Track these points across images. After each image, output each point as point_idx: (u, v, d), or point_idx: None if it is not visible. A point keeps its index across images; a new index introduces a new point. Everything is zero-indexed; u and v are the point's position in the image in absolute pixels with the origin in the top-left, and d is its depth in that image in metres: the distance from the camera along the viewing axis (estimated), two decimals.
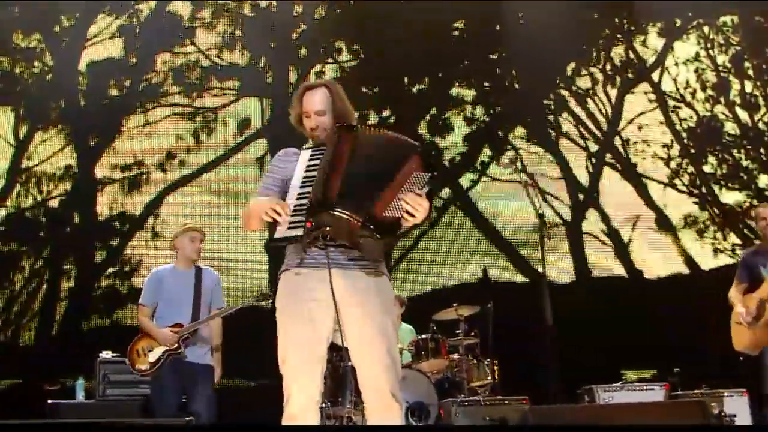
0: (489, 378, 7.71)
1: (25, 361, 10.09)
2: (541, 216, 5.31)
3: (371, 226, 3.80)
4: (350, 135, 3.93)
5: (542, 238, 5.33)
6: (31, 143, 10.83)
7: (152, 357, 6.45)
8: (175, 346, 6.42)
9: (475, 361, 7.75)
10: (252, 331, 7.08)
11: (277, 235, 3.90)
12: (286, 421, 3.91)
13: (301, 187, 3.95)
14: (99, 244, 10.72)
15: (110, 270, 10.62)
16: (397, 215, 3.86)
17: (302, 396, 3.87)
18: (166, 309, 6.57)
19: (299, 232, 3.83)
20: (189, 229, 6.77)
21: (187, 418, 4.65)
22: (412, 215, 3.86)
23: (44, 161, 10.77)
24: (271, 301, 6.74)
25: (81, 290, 10.52)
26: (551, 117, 11.60)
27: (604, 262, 11.07)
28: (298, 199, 3.92)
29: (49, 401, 7.40)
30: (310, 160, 4.01)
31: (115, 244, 10.74)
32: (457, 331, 7.82)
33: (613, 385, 7.27)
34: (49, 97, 11.07)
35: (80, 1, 11.20)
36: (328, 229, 3.84)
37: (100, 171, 10.85)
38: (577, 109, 11.59)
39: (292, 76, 11.44)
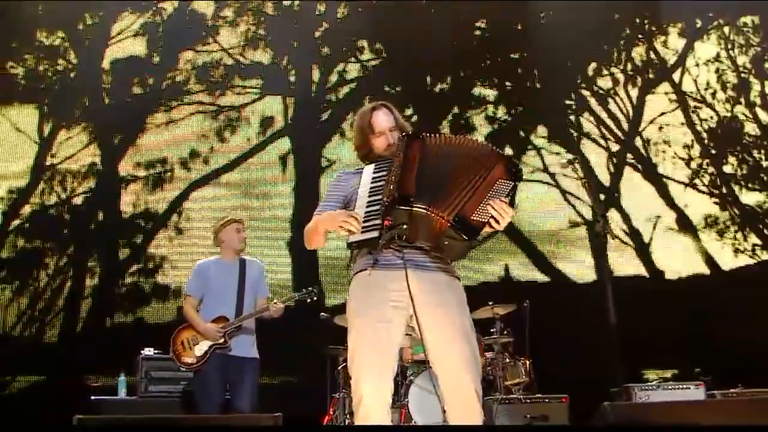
0: (523, 376, 7.83)
1: (50, 358, 10.17)
2: (603, 216, 5.40)
3: (461, 227, 3.88)
4: (418, 141, 4.05)
5: (605, 236, 5.41)
6: (56, 141, 10.91)
7: (198, 351, 6.56)
8: (221, 341, 6.51)
9: (509, 360, 7.88)
10: (286, 327, 7.19)
11: (352, 239, 4.01)
12: (360, 421, 3.99)
13: (370, 196, 4.06)
14: (123, 241, 10.79)
15: (134, 267, 10.69)
16: (484, 220, 3.94)
17: (375, 397, 3.96)
18: (211, 301, 6.71)
19: (374, 234, 3.94)
20: (231, 221, 6.93)
21: (275, 414, 4.72)
22: (497, 221, 3.96)
23: (68, 159, 10.85)
24: (315, 298, 6.91)
25: (105, 287, 10.60)
26: (572, 117, 11.72)
27: (626, 262, 11.19)
28: (368, 206, 4.03)
29: (93, 397, 7.52)
30: (375, 172, 4.14)
31: (139, 242, 10.82)
32: (492, 330, 7.95)
33: (650, 384, 7.39)
34: (73, 95, 11.15)
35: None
36: (405, 228, 3.93)
37: (124, 168, 10.94)
38: (598, 109, 11.72)
39: (315, 75, 11.55)
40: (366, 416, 3.94)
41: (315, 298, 6.96)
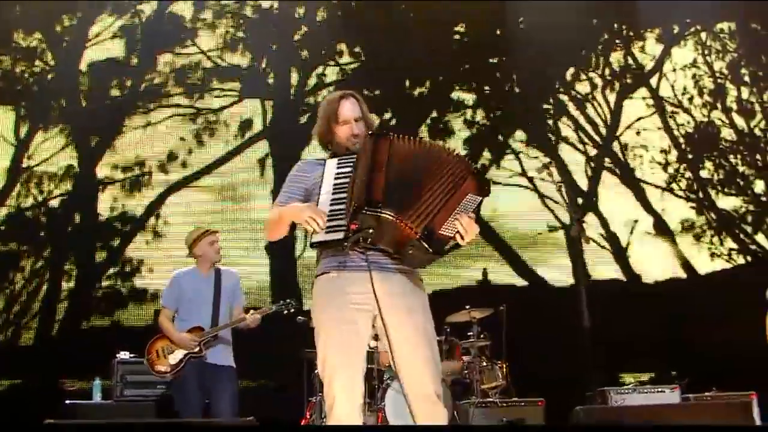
0: (500, 380, 7.87)
1: (25, 361, 10.12)
2: (579, 220, 5.42)
3: (428, 241, 3.83)
4: (386, 141, 3.96)
5: (580, 240, 5.44)
6: (32, 143, 10.86)
7: (173, 359, 6.58)
8: (196, 349, 6.52)
9: (486, 364, 7.91)
10: (262, 331, 7.17)
11: (315, 239, 3.96)
12: (330, 406, 3.96)
13: (334, 193, 4.00)
14: (100, 244, 10.76)
15: (111, 270, 10.65)
16: (450, 234, 3.91)
17: (347, 399, 3.94)
18: (186, 312, 6.72)
19: (339, 235, 3.89)
20: (205, 233, 6.87)
21: (249, 418, 4.72)
22: (462, 237, 3.93)
23: (45, 161, 10.80)
24: (293, 310, 6.91)
25: (81, 290, 10.55)
26: (551, 121, 11.77)
27: (602, 266, 11.24)
28: (332, 204, 3.97)
29: (67, 401, 7.48)
30: (339, 167, 4.06)
31: (116, 245, 10.78)
32: (469, 333, 7.98)
33: (625, 387, 7.44)
34: (50, 97, 11.11)
35: (82, 0, 11.23)
36: (371, 231, 3.86)
37: (102, 171, 10.90)
38: (576, 114, 11.77)
39: (294, 78, 11.55)
40: (339, 418, 3.93)
41: (292, 310, 6.97)
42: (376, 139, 3.97)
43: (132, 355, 7.80)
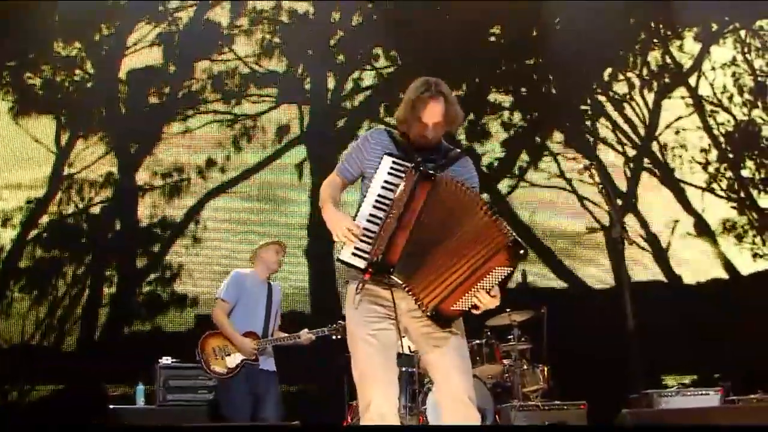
0: (541, 383, 7.82)
1: (68, 366, 10.22)
2: (620, 221, 5.38)
3: (435, 319, 3.90)
4: (426, 186, 3.94)
5: (622, 242, 5.40)
6: (73, 150, 10.97)
7: (230, 362, 6.68)
8: (253, 357, 6.62)
9: (527, 367, 7.87)
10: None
11: (342, 257, 4.00)
12: (365, 407, 4.00)
13: (375, 206, 4.02)
14: (140, 250, 10.85)
15: (151, 276, 10.74)
16: (464, 309, 3.91)
17: (384, 401, 3.98)
18: (242, 313, 6.84)
19: (360, 264, 3.96)
20: (275, 243, 7.10)
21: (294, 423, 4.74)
22: (476, 308, 3.93)
23: (85, 168, 10.91)
24: (340, 336, 6.99)
25: (123, 296, 10.65)
26: (588, 122, 11.70)
27: (643, 268, 11.15)
28: (368, 220, 4.00)
29: (111, 406, 7.54)
30: (390, 172, 4.05)
31: (156, 250, 10.86)
32: (509, 336, 7.95)
33: (669, 390, 7.36)
34: (90, 105, 11.21)
35: (120, 9, 11.34)
36: (384, 282, 3.96)
37: (141, 178, 10.99)
38: (614, 114, 11.68)
39: (330, 83, 11.57)
40: (373, 421, 3.96)
41: (339, 337, 7.03)
42: (418, 179, 3.95)
43: (174, 360, 7.86)
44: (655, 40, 12.07)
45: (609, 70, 11.90)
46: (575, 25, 11.33)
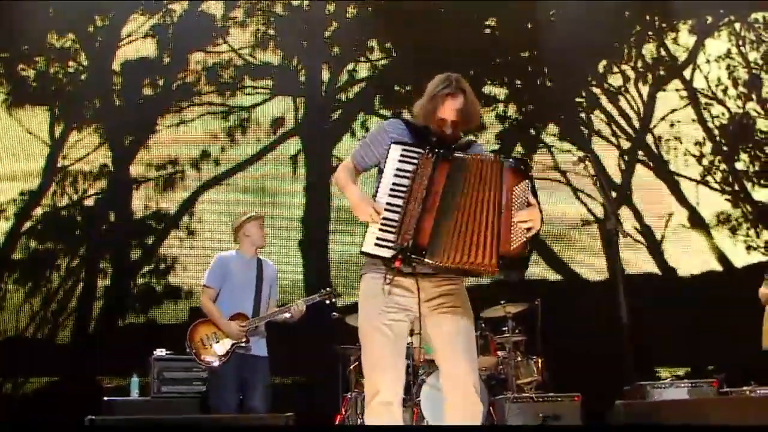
0: (535, 375, 7.85)
1: (62, 358, 10.23)
2: (614, 213, 5.40)
3: (509, 266, 3.95)
4: (446, 165, 3.98)
5: (616, 234, 5.42)
6: (67, 142, 10.95)
7: (220, 349, 6.51)
8: (243, 340, 6.48)
9: (521, 358, 7.89)
10: (297, 327, 7.19)
11: (366, 249, 4.02)
12: (374, 415, 4.03)
13: (391, 194, 4.04)
14: (134, 242, 10.85)
15: (146, 268, 10.75)
16: (523, 239, 3.95)
17: (392, 391, 4.03)
18: (229, 295, 6.67)
19: (386, 254, 3.98)
20: (256, 217, 6.90)
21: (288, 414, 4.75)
22: (530, 229, 3.97)
23: (79, 160, 10.89)
24: (334, 299, 6.92)
25: (117, 288, 10.65)
26: (583, 115, 11.71)
27: (637, 260, 11.18)
28: (387, 209, 4.01)
29: (105, 398, 7.55)
30: (401, 160, 4.07)
31: (151, 243, 10.87)
32: (504, 328, 7.97)
33: (662, 382, 7.40)
34: (84, 97, 11.19)
35: (114, 1, 11.31)
36: (408, 269, 3.99)
37: (135, 170, 10.98)
38: (609, 107, 11.70)
39: (325, 75, 11.56)
40: (381, 408, 3.99)
41: (334, 300, 6.97)
42: (436, 161, 3.99)
43: (168, 352, 7.86)
44: (650, 33, 12.07)
45: (604, 62, 11.91)
46: (570, 18, 11.34)
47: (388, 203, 4.02)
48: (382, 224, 3.98)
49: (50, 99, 11.08)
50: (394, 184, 4.04)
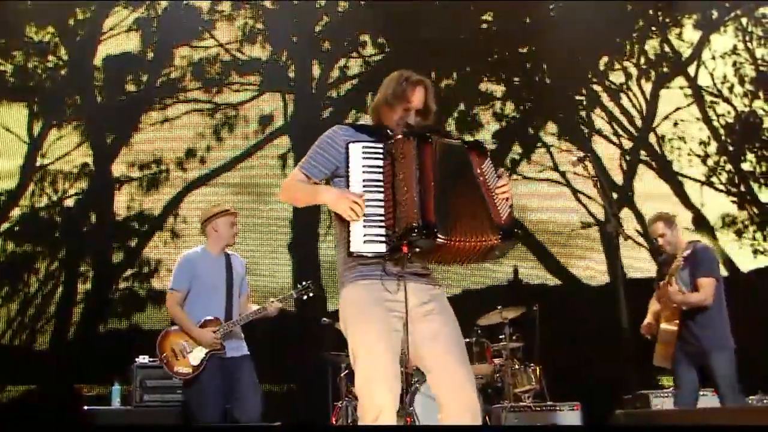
0: (533, 383, 7.84)
1: (41, 366, 10.19)
2: (615, 215, 5.39)
3: (507, 236, 4.04)
4: (429, 147, 4.01)
5: (617, 237, 5.41)
6: (46, 140, 10.94)
7: (194, 359, 6.30)
8: (218, 347, 6.32)
9: (518, 366, 7.88)
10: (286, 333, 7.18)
11: (355, 249, 4.00)
12: (373, 420, 3.99)
13: (366, 190, 4.02)
14: (117, 244, 10.83)
15: (129, 271, 10.72)
16: (508, 209, 4.10)
17: (389, 400, 3.98)
18: (198, 297, 6.44)
19: (380, 248, 3.97)
20: (226, 212, 6.60)
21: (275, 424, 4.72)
22: (509, 198, 4.12)
23: (59, 159, 10.88)
24: (312, 294, 6.82)
25: (98, 293, 10.62)
26: (583, 113, 11.72)
27: (639, 263, 11.16)
28: (367, 205, 4.00)
29: (85, 407, 7.51)
30: (364, 157, 4.07)
31: (134, 245, 10.84)
32: (501, 335, 7.96)
33: (665, 390, 7.40)
34: (64, 93, 11.19)
35: None
36: (418, 251, 3.94)
37: (118, 169, 10.97)
38: (611, 105, 11.70)
39: (316, 71, 11.55)
40: (378, 418, 3.95)
41: (311, 294, 6.88)
42: (418, 143, 4.00)
43: (151, 359, 7.78)
44: (653, 28, 12.09)
45: (605, 58, 11.92)
46: (570, 12, 11.36)
47: (366, 201, 4.00)
48: (366, 221, 3.97)
49: (29, 95, 11.07)
50: (364, 180, 4.04)
